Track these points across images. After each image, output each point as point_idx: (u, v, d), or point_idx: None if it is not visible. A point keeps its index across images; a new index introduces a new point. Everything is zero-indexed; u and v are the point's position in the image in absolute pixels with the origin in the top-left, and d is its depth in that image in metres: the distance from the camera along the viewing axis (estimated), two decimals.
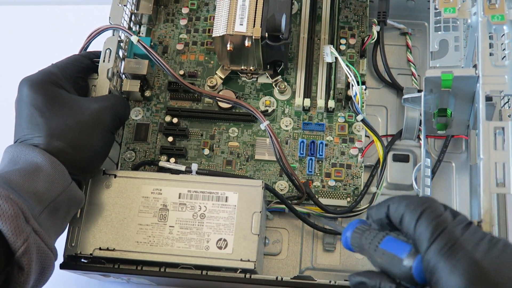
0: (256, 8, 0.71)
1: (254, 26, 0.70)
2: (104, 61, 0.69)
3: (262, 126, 0.69)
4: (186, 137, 0.76)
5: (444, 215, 0.47)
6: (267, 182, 0.71)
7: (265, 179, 0.73)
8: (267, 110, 0.76)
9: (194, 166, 0.67)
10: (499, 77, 0.55)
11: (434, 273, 0.46)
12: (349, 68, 0.73)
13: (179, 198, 0.64)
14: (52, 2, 0.99)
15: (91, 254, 0.63)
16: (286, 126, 0.76)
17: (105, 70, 0.69)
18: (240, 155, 0.75)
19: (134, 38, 0.69)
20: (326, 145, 0.75)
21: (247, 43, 0.71)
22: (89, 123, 0.63)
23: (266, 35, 0.70)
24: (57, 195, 0.58)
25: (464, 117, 0.64)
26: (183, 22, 0.81)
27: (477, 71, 0.56)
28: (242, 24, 0.70)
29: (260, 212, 0.63)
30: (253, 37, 0.70)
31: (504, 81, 0.55)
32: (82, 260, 0.64)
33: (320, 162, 0.75)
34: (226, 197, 0.64)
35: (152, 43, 0.78)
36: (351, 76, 0.72)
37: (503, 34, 0.57)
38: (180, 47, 0.80)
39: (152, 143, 0.76)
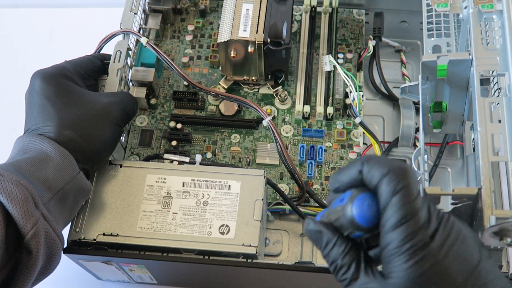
0: (259, 17, 0.75)
1: (257, 33, 0.74)
2: (114, 61, 0.72)
3: (265, 122, 0.72)
4: (189, 142, 0.78)
5: (416, 199, 0.45)
6: (268, 187, 0.73)
7: None
8: None
9: (198, 157, 0.69)
10: (491, 58, 0.58)
11: (389, 255, 0.45)
12: (347, 75, 0.76)
13: (183, 186, 0.66)
14: (53, 5, 1.02)
15: (94, 239, 0.63)
16: (287, 133, 0.79)
17: (115, 70, 0.72)
18: (241, 160, 0.77)
19: (143, 40, 0.73)
20: (325, 150, 0.77)
21: (250, 48, 0.74)
22: (98, 115, 0.65)
23: (268, 41, 0.74)
24: (65, 183, 0.59)
25: (459, 109, 0.66)
26: (188, 38, 0.86)
27: (470, 55, 0.60)
28: (245, 31, 0.74)
29: (262, 199, 0.65)
30: (256, 42, 0.73)
31: (496, 62, 0.58)
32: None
33: (320, 166, 0.77)
34: (229, 185, 0.66)
35: None
36: (349, 82, 0.75)
37: (491, 22, 0.61)
38: (185, 60, 0.84)
39: (156, 148, 0.78)
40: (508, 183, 0.54)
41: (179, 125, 0.78)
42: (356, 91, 0.75)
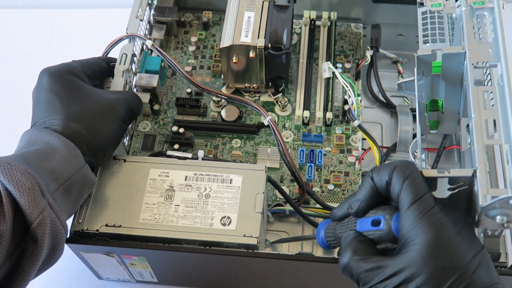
0: (260, 23, 0.78)
1: (258, 38, 0.77)
2: (120, 63, 0.75)
3: (266, 121, 0.74)
4: (191, 146, 0.79)
5: (423, 182, 0.54)
6: (269, 188, 0.74)
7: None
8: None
9: (200, 153, 0.70)
10: (484, 51, 0.61)
11: (408, 227, 0.52)
12: (346, 81, 0.78)
13: (185, 180, 0.67)
14: (54, 6, 1.05)
15: (97, 230, 0.64)
16: (287, 138, 0.80)
17: (120, 71, 0.74)
18: (242, 163, 0.78)
19: (148, 42, 0.75)
20: (324, 154, 0.79)
21: (251, 54, 0.77)
22: (104, 110, 0.66)
23: (269, 46, 0.76)
24: (71, 175, 0.60)
25: (455, 107, 0.68)
26: (191, 48, 0.88)
27: (463, 49, 0.62)
28: (247, 36, 0.77)
29: (263, 193, 0.66)
30: (257, 47, 0.76)
31: (488, 54, 0.60)
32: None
33: (319, 170, 0.78)
34: (231, 179, 0.67)
35: (162, 64, 0.83)
36: (347, 87, 0.77)
37: (483, 18, 0.64)
38: (188, 69, 0.86)
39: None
40: (502, 164, 0.55)
41: (181, 130, 0.80)
42: (355, 96, 0.77)
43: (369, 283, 0.53)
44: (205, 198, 0.66)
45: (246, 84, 0.83)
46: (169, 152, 0.71)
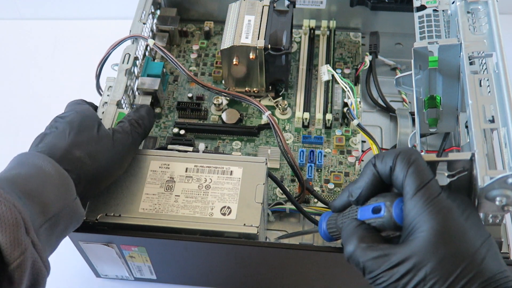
0: (260, 25, 0.80)
1: (258, 39, 0.78)
2: (123, 62, 0.76)
3: (264, 117, 0.74)
4: (191, 147, 0.80)
5: (428, 168, 0.53)
6: (268, 188, 0.75)
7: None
8: (268, 124, 0.81)
9: (201, 146, 0.71)
10: (479, 42, 0.62)
11: (414, 214, 0.50)
12: (345, 82, 0.79)
13: (186, 172, 0.67)
14: (58, 17, 1.07)
15: (96, 219, 0.64)
16: (287, 140, 0.81)
17: (124, 69, 0.75)
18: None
19: (150, 41, 0.77)
20: (324, 155, 0.79)
21: (251, 55, 0.78)
22: (110, 143, 0.63)
23: (269, 47, 0.78)
24: (60, 209, 0.55)
25: (453, 103, 0.69)
26: (193, 56, 0.90)
27: (459, 41, 0.63)
28: (247, 38, 0.78)
29: (264, 184, 0.66)
30: (257, 47, 0.77)
31: (483, 44, 0.62)
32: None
33: (319, 170, 0.78)
34: (231, 171, 0.67)
35: (164, 70, 0.85)
36: (346, 88, 0.79)
37: (477, 12, 0.65)
38: None
39: None
40: (500, 148, 0.55)
41: (182, 131, 0.81)
42: (354, 97, 0.78)
43: (375, 271, 0.51)
44: (205, 189, 0.66)
45: (246, 88, 0.84)
46: (170, 146, 0.72)
